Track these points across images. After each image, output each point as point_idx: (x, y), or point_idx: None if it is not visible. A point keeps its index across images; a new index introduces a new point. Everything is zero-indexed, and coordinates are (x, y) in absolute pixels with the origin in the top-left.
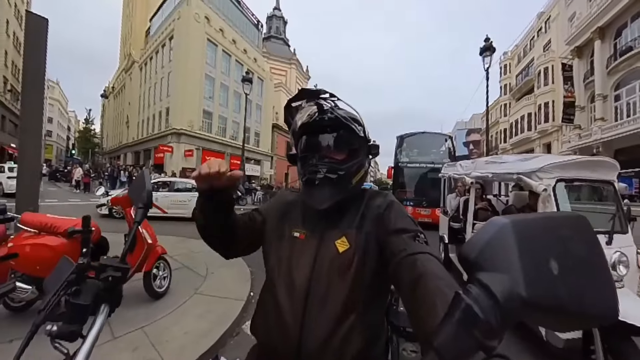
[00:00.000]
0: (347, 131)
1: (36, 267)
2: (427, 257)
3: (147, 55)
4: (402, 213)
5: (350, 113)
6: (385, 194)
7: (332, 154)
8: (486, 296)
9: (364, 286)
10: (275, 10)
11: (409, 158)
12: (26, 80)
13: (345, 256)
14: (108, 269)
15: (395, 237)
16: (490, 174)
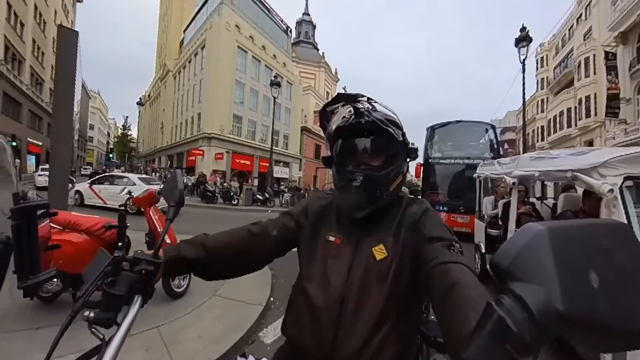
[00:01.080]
0: (385, 135)
1: (60, 261)
2: (460, 267)
3: (180, 65)
4: (438, 221)
5: (388, 115)
6: (422, 201)
7: (368, 160)
8: (520, 308)
9: (400, 296)
10: (304, 15)
11: (442, 153)
12: (58, 87)
13: (383, 264)
14: (141, 263)
15: (429, 245)
16: (537, 172)
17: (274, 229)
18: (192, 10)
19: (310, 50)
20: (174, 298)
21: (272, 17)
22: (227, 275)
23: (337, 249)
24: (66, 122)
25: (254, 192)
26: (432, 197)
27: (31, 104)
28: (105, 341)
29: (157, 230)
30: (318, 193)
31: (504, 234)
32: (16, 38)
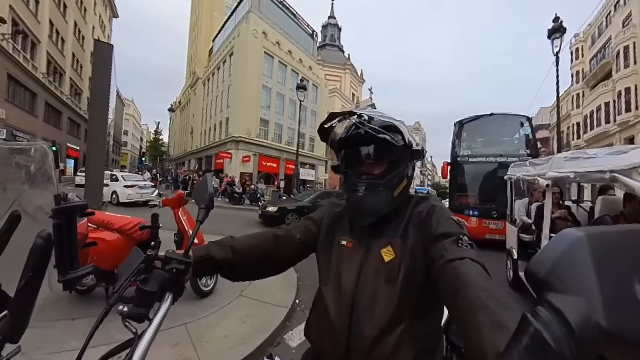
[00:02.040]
0: (384, 143)
1: (94, 257)
2: (467, 263)
3: (209, 72)
4: (444, 216)
5: (387, 122)
6: (428, 198)
7: (371, 169)
8: (558, 322)
9: (412, 297)
10: (330, 19)
11: (471, 150)
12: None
13: (391, 266)
14: (173, 262)
15: (436, 243)
16: (572, 174)
17: (297, 233)
18: (221, 19)
19: (335, 52)
20: (201, 296)
21: (298, 22)
22: (253, 277)
23: (349, 253)
24: (101, 128)
25: (280, 194)
26: (461, 200)
27: (70, 112)
28: (137, 335)
29: (185, 230)
30: (334, 199)
31: (537, 239)
32: (57, 53)
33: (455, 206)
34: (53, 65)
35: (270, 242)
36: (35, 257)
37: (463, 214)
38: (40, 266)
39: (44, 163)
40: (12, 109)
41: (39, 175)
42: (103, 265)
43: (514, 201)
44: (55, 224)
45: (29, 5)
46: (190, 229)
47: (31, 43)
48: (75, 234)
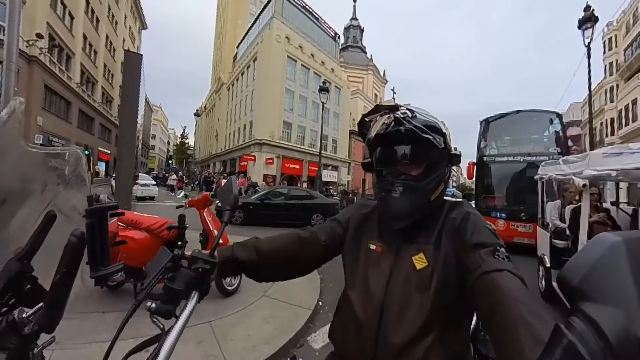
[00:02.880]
0: (425, 143)
1: (123, 255)
2: (506, 276)
3: (233, 77)
4: (480, 225)
5: (429, 122)
6: (461, 204)
7: (407, 169)
8: (594, 334)
9: (444, 307)
10: (352, 21)
11: (498, 149)
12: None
13: (423, 274)
14: (199, 261)
15: (471, 253)
16: (614, 171)
17: (322, 235)
18: (245, 27)
19: (358, 54)
20: (225, 295)
21: (321, 26)
22: (277, 278)
23: (377, 257)
24: (130, 133)
25: None
26: (488, 202)
27: (102, 118)
28: (165, 331)
29: (211, 230)
30: (362, 200)
31: (573, 246)
32: (90, 64)
33: (481, 208)
34: (86, 76)
35: (294, 244)
36: (69, 254)
37: (490, 217)
38: (73, 262)
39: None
40: (48, 117)
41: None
42: (132, 262)
43: (545, 203)
44: (88, 223)
45: (65, 21)
46: (215, 229)
47: (66, 56)
48: (107, 232)
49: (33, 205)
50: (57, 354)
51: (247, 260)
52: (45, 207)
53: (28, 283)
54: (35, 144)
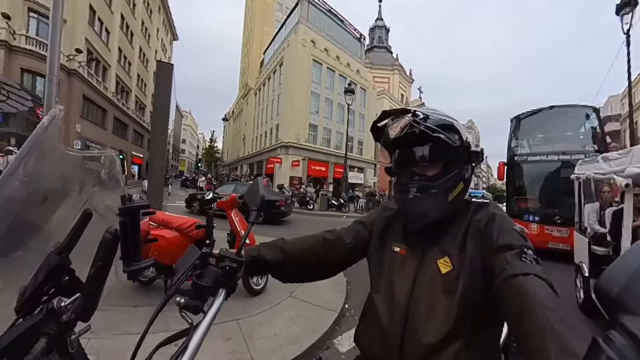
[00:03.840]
0: (439, 143)
1: (155, 252)
2: (533, 280)
3: (260, 82)
4: (506, 226)
5: (442, 121)
6: (487, 205)
7: (423, 170)
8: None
9: (471, 312)
10: (378, 21)
11: (530, 148)
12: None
13: (448, 278)
14: (226, 260)
15: (497, 256)
16: None
17: (348, 237)
18: (271, 33)
19: (383, 54)
20: (252, 295)
21: (346, 28)
22: (303, 279)
23: (402, 260)
24: (162, 138)
25: (329, 198)
26: (519, 204)
27: (135, 124)
28: (193, 326)
29: (238, 230)
30: (387, 202)
31: (614, 253)
32: (125, 75)
33: (513, 211)
34: (121, 85)
35: (320, 246)
36: (104, 250)
37: (522, 220)
38: (108, 257)
39: (112, 169)
40: (86, 124)
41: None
42: (162, 259)
43: (583, 205)
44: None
45: (102, 36)
46: (242, 229)
47: (103, 68)
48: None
49: (71, 204)
50: (93, 342)
51: (273, 260)
52: (83, 205)
53: (66, 275)
54: (74, 148)
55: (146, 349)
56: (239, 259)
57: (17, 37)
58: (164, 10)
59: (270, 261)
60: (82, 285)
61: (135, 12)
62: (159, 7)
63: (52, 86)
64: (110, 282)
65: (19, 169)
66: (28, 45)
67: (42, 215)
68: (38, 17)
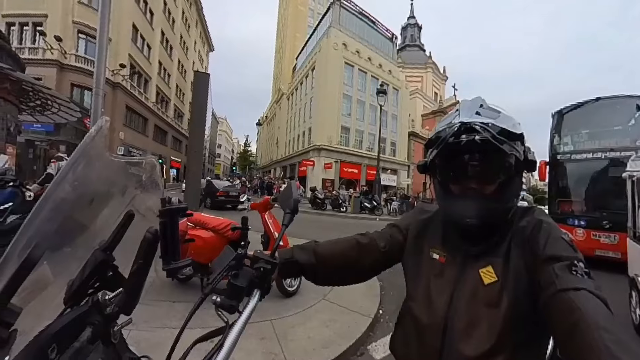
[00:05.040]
0: (503, 154)
1: (192, 252)
2: (585, 296)
3: (293, 87)
4: (554, 235)
5: (509, 127)
6: (532, 210)
7: (480, 185)
8: None
9: (515, 327)
10: (410, 19)
11: (575, 145)
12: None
13: (491, 290)
14: (260, 261)
15: (545, 267)
16: None
17: (381, 241)
18: (304, 39)
19: (416, 53)
20: (286, 296)
21: (377, 29)
22: (336, 283)
23: (441, 268)
24: (199, 144)
25: (362, 200)
26: (563, 207)
27: (174, 131)
28: (229, 324)
29: (271, 232)
30: (422, 205)
31: None
32: (164, 85)
33: (556, 214)
34: (161, 95)
35: (352, 249)
36: (145, 248)
37: (566, 224)
38: (148, 256)
39: (153, 173)
40: (129, 132)
41: (148, 183)
42: (199, 259)
43: (637, 208)
44: (161, 222)
45: (143, 51)
46: (276, 231)
47: (144, 80)
48: (177, 231)
49: (115, 206)
50: (134, 334)
51: (306, 263)
52: (126, 207)
53: (110, 270)
54: (118, 155)
55: (184, 343)
56: (273, 260)
57: (68, 56)
58: (201, 24)
59: (303, 264)
60: (125, 281)
61: (175, 28)
62: (197, 22)
63: (98, 99)
64: (151, 278)
65: (69, 174)
66: (77, 63)
67: (89, 215)
68: (86, 38)
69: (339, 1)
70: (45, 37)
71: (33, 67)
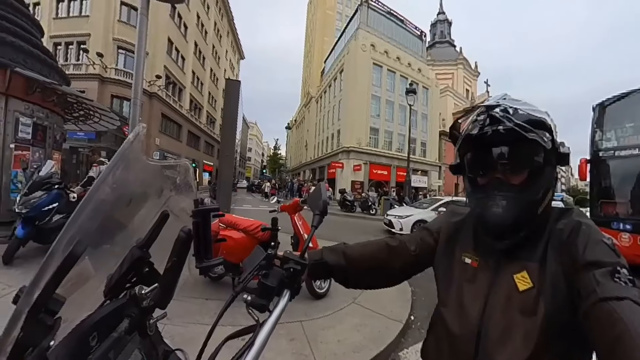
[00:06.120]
0: (530, 143)
1: (223, 251)
2: (629, 306)
3: (321, 90)
4: (594, 238)
5: (534, 117)
6: (570, 212)
7: (508, 176)
8: None
9: (554, 337)
10: (439, 15)
11: (619, 141)
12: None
13: (527, 297)
14: (290, 262)
15: (584, 274)
16: None
17: (412, 244)
18: (332, 42)
19: (446, 49)
20: (315, 298)
21: (406, 27)
22: (365, 286)
23: (473, 273)
24: (230, 148)
25: (391, 202)
26: (607, 210)
27: (206, 136)
28: (259, 323)
29: (301, 234)
30: (453, 207)
31: None
32: (197, 93)
33: (599, 217)
34: (194, 103)
35: (382, 252)
36: (179, 247)
37: (610, 228)
38: (182, 254)
39: (186, 176)
40: (164, 138)
41: (182, 185)
42: (230, 258)
43: None
44: (194, 222)
45: (178, 62)
46: (305, 233)
47: (178, 89)
48: (209, 231)
49: (151, 206)
50: (168, 328)
51: (335, 264)
52: (161, 207)
53: (146, 266)
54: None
55: (216, 339)
56: (302, 261)
57: (108, 70)
58: (232, 34)
59: (332, 265)
60: (160, 277)
61: (207, 39)
62: (228, 32)
63: (136, 108)
64: (184, 275)
65: (109, 177)
66: (117, 75)
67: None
68: (125, 53)
69: (366, 2)
70: (88, 53)
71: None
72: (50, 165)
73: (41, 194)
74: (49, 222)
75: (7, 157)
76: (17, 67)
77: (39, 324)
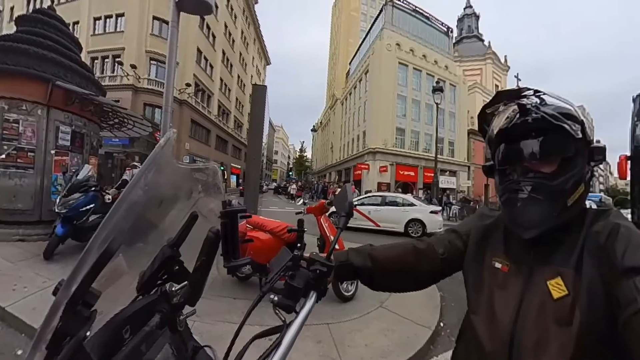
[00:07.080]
0: (559, 133)
1: (251, 252)
2: None
3: (347, 92)
4: (635, 242)
5: (563, 108)
6: (608, 213)
7: (538, 166)
8: None
9: (591, 349)
10: (466, 9)
11: None
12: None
13: (562, 305)
14: (316, 263)
15: (624, 281)
16: None
17: (440, 247)
18: (356, 44)
19: (473, 44)
20: (342, 301)
21: (432, 24)
22: (392, 289)
23: (504, 278)
24: (257, 151)
25: None
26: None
27: (234, 140)
28: (286, 323)
29: (327, 235)
30: (484, 209)
31: None
32: (225, 99)
33: None
34: (222, 109)
35: (409, 255)
36: (207, 246)
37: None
38: (210, 253)
39: (215, 178)
40: (193, 142)
41: (211, 187)
42: (257, 258)
43: None
44: (222, 222)
45: (206, 71)
46: (331, 234)
47: (207, 96)
48: (237, 231)
49: (181, 207)
50: (197, 325)
51: (361, 266)
52: (190, 208)
53: (176, 265)
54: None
55: (243, 338)
56: (328, 263)
57: (141, 81)
58: (258, 41)
59: (358, 267)
60: (190, 275)
61: (234, 47)
62: (254, 39)
63: (167, 115)
64: (213, 275)
65: (141, 180)
66: (149, 85)
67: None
68: (157, 63)
69: (391, 2)
70: (123, 65)
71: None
72: (87, 169)
73: (79, 196)
74: (86, 222)
75: (48, 162)
76: (58, 80)
77: (76, 315)
